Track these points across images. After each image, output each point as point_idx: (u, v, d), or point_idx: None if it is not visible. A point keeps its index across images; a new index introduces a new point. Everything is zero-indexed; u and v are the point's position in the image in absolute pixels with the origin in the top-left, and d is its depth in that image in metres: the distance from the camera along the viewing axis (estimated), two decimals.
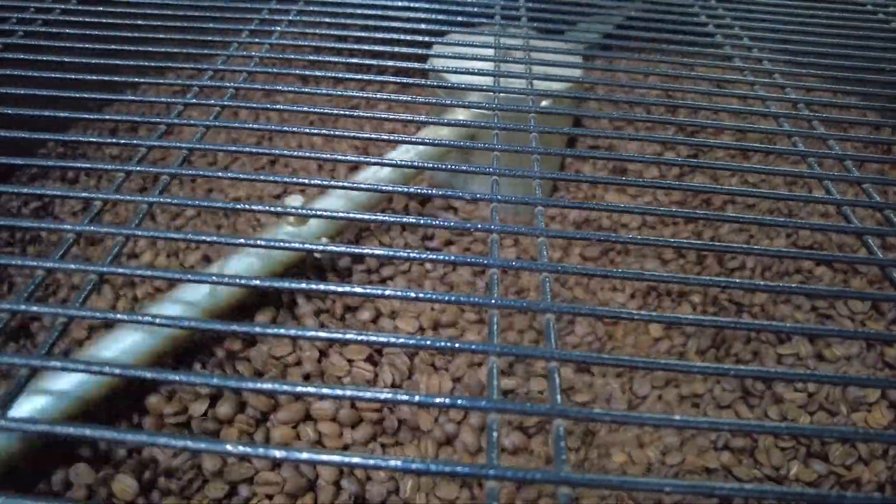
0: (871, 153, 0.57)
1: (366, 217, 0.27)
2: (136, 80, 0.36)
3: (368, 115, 0.34)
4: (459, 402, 0.21)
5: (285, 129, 0.32)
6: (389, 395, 0.21)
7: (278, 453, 0.20)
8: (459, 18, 0.44)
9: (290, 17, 0.43)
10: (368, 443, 0.40)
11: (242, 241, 0.26)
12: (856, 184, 0.33)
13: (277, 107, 0.34)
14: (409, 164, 0.31)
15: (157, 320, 0.23)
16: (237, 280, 0.24)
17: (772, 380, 0.44)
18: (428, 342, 0.23)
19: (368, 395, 0.21)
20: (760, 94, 0.39)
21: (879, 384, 0.23)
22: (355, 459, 0.19)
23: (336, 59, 0.38)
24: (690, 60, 0.42)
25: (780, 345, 0.46)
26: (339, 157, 0.31)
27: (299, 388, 0.21)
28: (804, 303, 0.49)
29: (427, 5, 0.46)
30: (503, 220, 0.29)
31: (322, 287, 0.24)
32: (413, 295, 0.24)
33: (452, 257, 0.26)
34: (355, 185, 0.30)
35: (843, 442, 0.39)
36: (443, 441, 0.40)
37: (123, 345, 0.38)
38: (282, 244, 0.26)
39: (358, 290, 0.24)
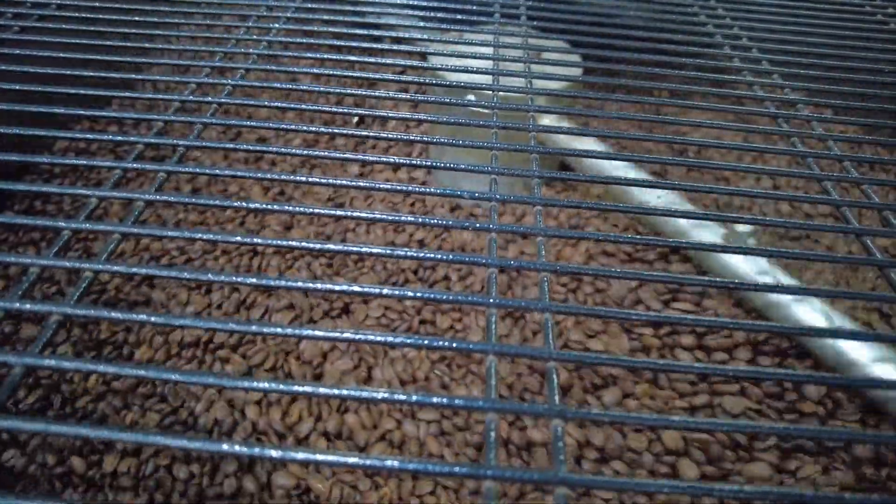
0: (870, 154, 0.57)
1: (363, 215, 0.27)
2: (134, 76, 0.36)
3: (368, 112, 0.34)
4: (457, 402, 0.21)
5: (283, 126, 0.32)
6: (386, 395, 0.21)
7: (274, 453, 0.19)
8: (459, 17, 0.44)
9: (289, 14, 0.43)
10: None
11: (239, 238, 0.26)
12: (854, 184, 0.33)
13: (275, 104, 0.33)
14: (410, 161, 0.31)
15: (153, 318, 0.23)
16: (232, 278, 0.24)
17: (770, 380, 0.44)
18: (426, 342, 0.23)
19: (365, 394, 0.21)
20: (760, 95, 0.39)
21: (879, 385, 0.23)
22: (352, 460, 0.19)
23: (334, 57, 0.38)
24: (690, 60, 0.42)
25: None
26: (337, 155, 0.30)
27: (295, 388, 0.21)
28: None
29: (426, 3, 0.46)
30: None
31: (320, 286, 0.24)
32: (411, 294, 0.24)
33: (451, 256, 0.26)
34: (354, 183, 0.30)
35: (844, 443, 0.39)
36: None
37: None
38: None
39: (356, 288, 0.24)
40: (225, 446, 0.19)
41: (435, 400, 0.20)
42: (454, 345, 0.22)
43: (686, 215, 0.29)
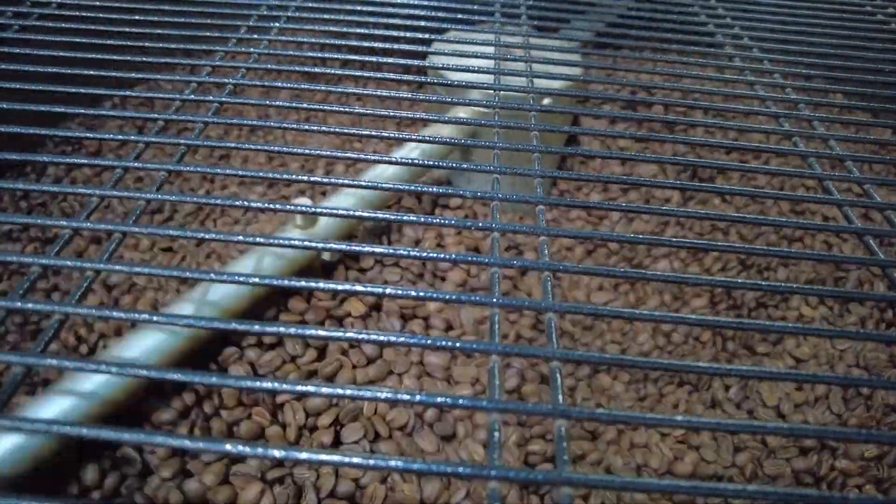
0: (872, 153, 0.57)
1: (367, 215, 0.27)
2: (134, 75, 0.36)
3: (369, 111, 0.34)
4: (461, 401, 0.21)
5: (284, 125, 0.32)
6: (390, 395, 0.21)
7: (277, 453, 0.19)
8: (459, 16, 0.44)
9: (289, 14, 0.43)
10: None
11: (241, 237, 0.26)
12: (857, 184, 0.33)
13: (276, 103, 0.33)
14: (413, 161, 0.30)
15: (154, 318, 0.23)
16: (235, 277, 0.24)
17: (772, 380, 0.44)
18: (428, 341, 0.23)
19: (368, 394, 0.21)
20: (760, 94, 0.39)
21: (878, 384, 0.23)
22: (355, 460, 0.19)
23: (334, 56, 0.37)
24: (690, 60, 0.42)
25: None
26: (339, 154, 0.30)
27: (299, 388, 0.21)
28: None
29: (426, 2, 0.45)
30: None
31: (322, 285, 0.24)
32: (414, 294, 0.24)
33: (453, 256, 0.26)
34: (357, 182, 0.30)
35: (845, 442, 0.39)
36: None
37: (146, 344, 0.38)
38: (284, 241, 0.26)
39: (359, 287, 0.24)
40: (228, 446, 0.19)
41: (439, 400, 0.20)
42: (457, 345, 0.22)
43: (685, 214, 0.29)
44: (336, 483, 0.36)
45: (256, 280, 0.24)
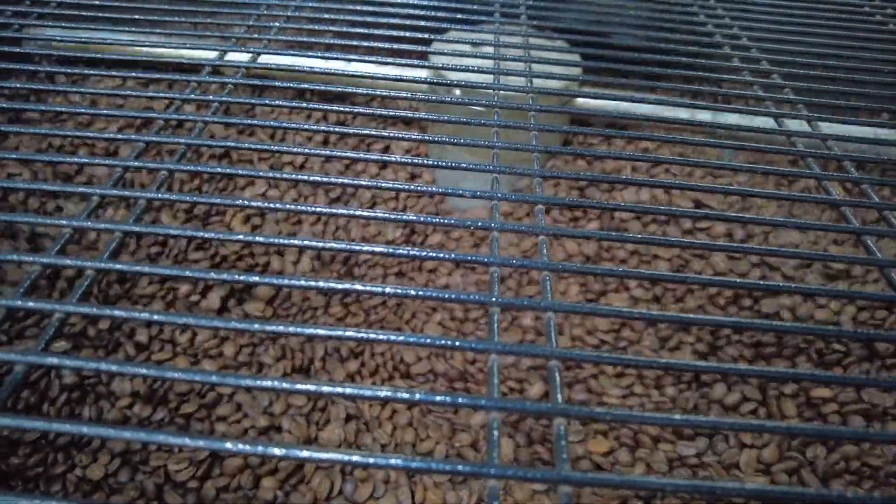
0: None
1: (365, 214, 0.27)
2: (134, 74, 0.36)
3: (368, 111, 0.34)
4: (460, 400, 0.21)
5: (285, 125, 0.32)
6: (389, 394, 0.21)
7: (277, 451, 0.19)
8: (459, 16, 0.44)
9: (289, 13, 0.43)
10: None
11: (241, 237, 0.26)
12: (854, 184, 0.33)
13: (276, 102, 0.33)
14: (410, 160, 0.31)
15: (155, 317, 0.23)
16: (235, 277, 0.24)
17: (772, 379, 0.44)
18: (428, 340, 0.23)
19: (368, 392, 0.21)
20: (759, 94, 0.39)
21: (880, 384, 0.23)
22: (355, 458, 0.19)
23: (334, 56, 0.38)
24: (690, 60, 0.42)
25: None
26: (339, 154, 0.30)
27: (298, 386, 0.21)
28: None
29: (426, 2, 0.46)
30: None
31: (322, 284, 0.24)
32: (413, 293, 0.24)
33: (452, 255, 0.26)
34: (356, 182, 0.30)
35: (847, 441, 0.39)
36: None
37: None
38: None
39: (358, 286, 0.24)
40: (228, 444, 0.19)
41: (438, 398, 0.20)
42: (457, 343, 0.22)
43: (684, 213, 0.29)
44: None
45: (256, 279, 0.24)
